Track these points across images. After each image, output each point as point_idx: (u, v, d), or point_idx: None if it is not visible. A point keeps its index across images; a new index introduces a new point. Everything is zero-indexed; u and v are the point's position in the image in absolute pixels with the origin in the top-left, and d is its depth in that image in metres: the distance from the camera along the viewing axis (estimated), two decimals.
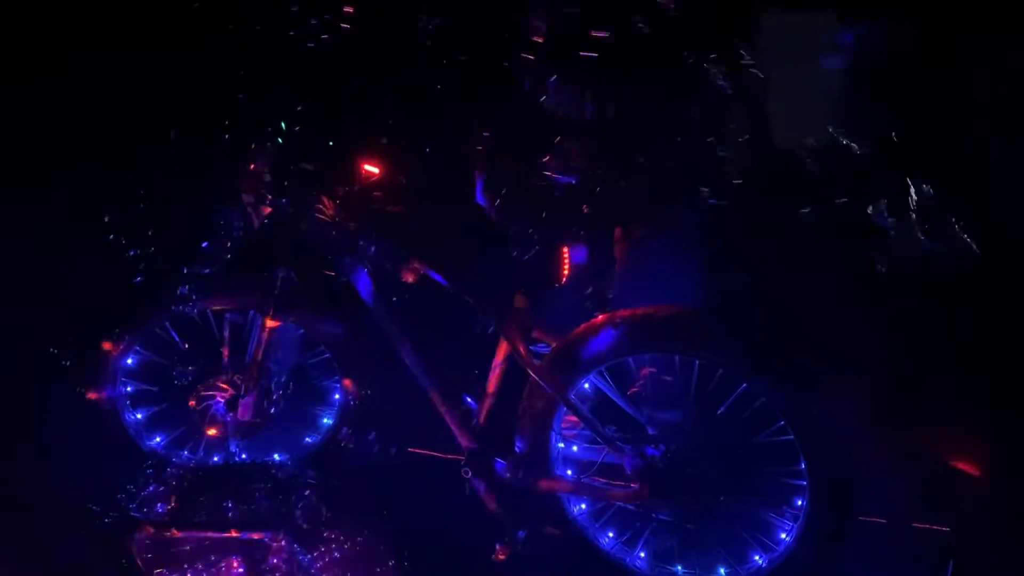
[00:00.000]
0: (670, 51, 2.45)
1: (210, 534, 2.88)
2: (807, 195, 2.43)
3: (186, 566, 2.72)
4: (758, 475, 2.46)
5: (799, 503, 2.42)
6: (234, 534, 2.89)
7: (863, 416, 2.46)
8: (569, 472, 2.67)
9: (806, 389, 2.34)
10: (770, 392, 2.34)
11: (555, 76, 2.54)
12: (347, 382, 3.09)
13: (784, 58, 2.40)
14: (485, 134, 2.64)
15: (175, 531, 2.88)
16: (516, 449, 2.64)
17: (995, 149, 2.29)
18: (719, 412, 2.43)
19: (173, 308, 2.94)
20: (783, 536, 2.47)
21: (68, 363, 3.10)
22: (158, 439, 3.15)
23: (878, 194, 2.35)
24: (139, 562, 2.75)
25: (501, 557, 2.60)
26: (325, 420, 3.19)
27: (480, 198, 2.65)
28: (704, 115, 2.45)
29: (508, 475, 2.63)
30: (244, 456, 3.14)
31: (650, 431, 2.53)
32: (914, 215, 2.33)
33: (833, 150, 2.36)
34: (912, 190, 2.30)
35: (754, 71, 2.38)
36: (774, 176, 2.44)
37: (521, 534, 2.62)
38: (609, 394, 2.57)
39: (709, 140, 2.44)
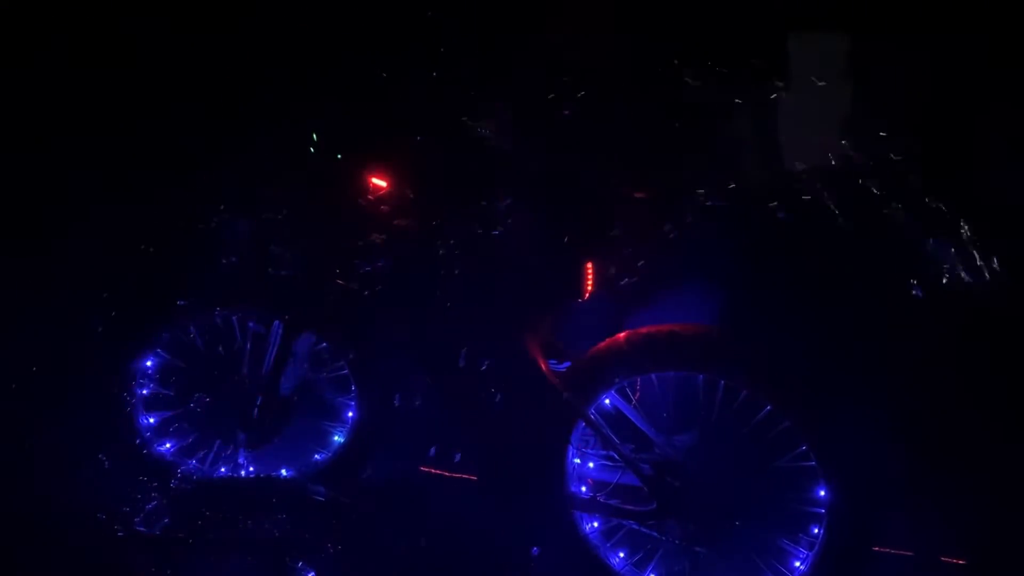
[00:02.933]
0: (691, 71, 2.53)
1: (214, 550, 2.83)
2: (837, 219, 2.48)
3: None
4: (776, 500, 2.47)
5: (815, 531, 2.43)
6: (239, 551, 2.84)
7: (891, 445, 2.47)
8: (584, 489, 2.67)
9: (832, 415, 2.37)
10: (795, 416, 2.36)
11: (578, 93, 2.60)
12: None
13: (810, 76, 2.45)
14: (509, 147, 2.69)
15: (179, 547, 2.83)
16: (532, 465, 2.64)
17: None
18: (740, 434, 2.44)
19: (198, 312, 2.96)
20: (797, 564, 2.47)
21: (86, 361, 3.07)
22: (168, 445, 3.12)
23: (912, 219, 2.39)
24: None
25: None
26: (336, 437, 3.15)
27: (505, 212, 2.68)
28: (732, 134, 2.50)
29: (522, 491, 2.63)
30: (252, 469, 3.10)
31: (668, 451, 2.53)
32: (948, 242, 2.37)
33: (868, 172, 2.40)
34: (947, 215, 2.35)
35: (778, 90, 2.45)
36: (804, 199, 2.49)
37: (535, 551, 2.61)
38: (627, 413, 2.58)
39: (737, 159, 2.50)
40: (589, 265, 2.58)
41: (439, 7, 2.81)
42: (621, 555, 2.65)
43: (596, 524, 2.67)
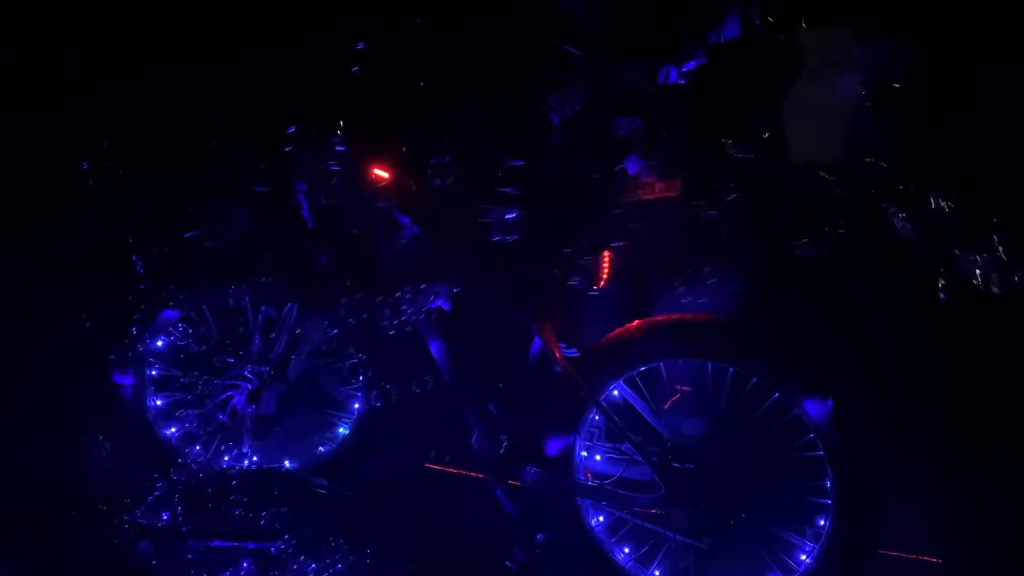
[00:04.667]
0: (716, 65, 2.58)
1: (216, 543, 2.82)
2: (846, 213, 2.51)
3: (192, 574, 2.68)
4: (783, 491, 2.46)
5: (821, 523, 2.42)
6: (240, 543, 2.82)
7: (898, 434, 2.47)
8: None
9: (840, 404, 2.36)
10: (803, 402, 2.37)
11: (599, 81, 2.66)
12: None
13: (843, 72, 2.50)
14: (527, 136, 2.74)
15: (181, 539, 2.82)
16: (540, 455, 2.64)
17: None
18: (749, 423, 2.44)
19: (210, 293, 2.98)
20: (803, 557, 2.45)
21: (97, 340, 3.08)
22: (173, 430, 3.11)
23: (917, 214, 2.42)
24: (143, 569, 2.71)
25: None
26: (341, 429, 3.14)
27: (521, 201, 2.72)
28: (755, 125, 2.54)
29: (531, 481, 2.63)
30: (255, 459, 3.08)
31: (675, 443, 2.53)
32: (958, 239, 2.39)
33: (892, 168, 2.44)
34: (969, 213, 2.37)
35: (814, 86, 2.49)
36: (812, 193, 2.52)
37: (540, 537, 2.60)
38: (635, 404, 2.58)
39: (759, 150, 2.53)
40: (606, 254, 2.62)
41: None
42: (626, 550, 2.64)
43: (602, 519, 2.66)
